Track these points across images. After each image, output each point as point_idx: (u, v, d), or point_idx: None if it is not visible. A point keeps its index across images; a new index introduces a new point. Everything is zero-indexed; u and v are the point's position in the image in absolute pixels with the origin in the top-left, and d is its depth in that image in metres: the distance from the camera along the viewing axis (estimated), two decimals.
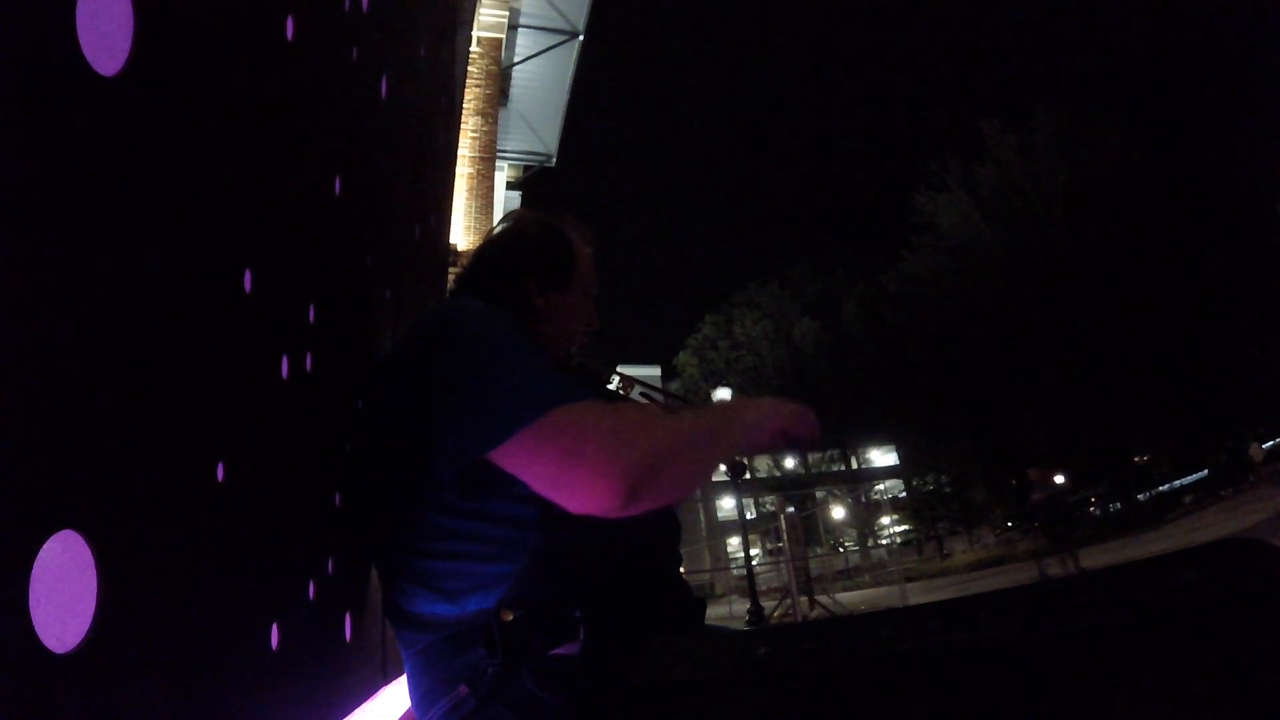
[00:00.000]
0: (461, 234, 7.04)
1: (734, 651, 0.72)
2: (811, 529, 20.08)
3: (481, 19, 7.54)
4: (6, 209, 0.32)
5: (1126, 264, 19.85)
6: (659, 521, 0.89)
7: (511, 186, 10.47)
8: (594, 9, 8.31)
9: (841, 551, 26.57)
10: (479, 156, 7.51)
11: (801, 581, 10.33)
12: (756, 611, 9.18)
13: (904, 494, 30.17)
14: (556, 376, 0.77)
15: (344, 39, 0.90)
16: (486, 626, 0.75)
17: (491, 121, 7.73)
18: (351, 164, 0.92)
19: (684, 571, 0.96)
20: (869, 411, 26.60)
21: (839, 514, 28.46)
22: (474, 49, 7.32)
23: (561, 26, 8.43)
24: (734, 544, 27.56)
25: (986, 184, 23.27)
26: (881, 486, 32.43)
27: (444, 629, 0.78)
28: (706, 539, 26.94)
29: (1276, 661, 0.58)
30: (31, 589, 0.33)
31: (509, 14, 7.93)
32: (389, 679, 1.10)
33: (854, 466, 32.60)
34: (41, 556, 0.34)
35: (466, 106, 7.02)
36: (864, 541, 28.23)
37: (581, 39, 8.54)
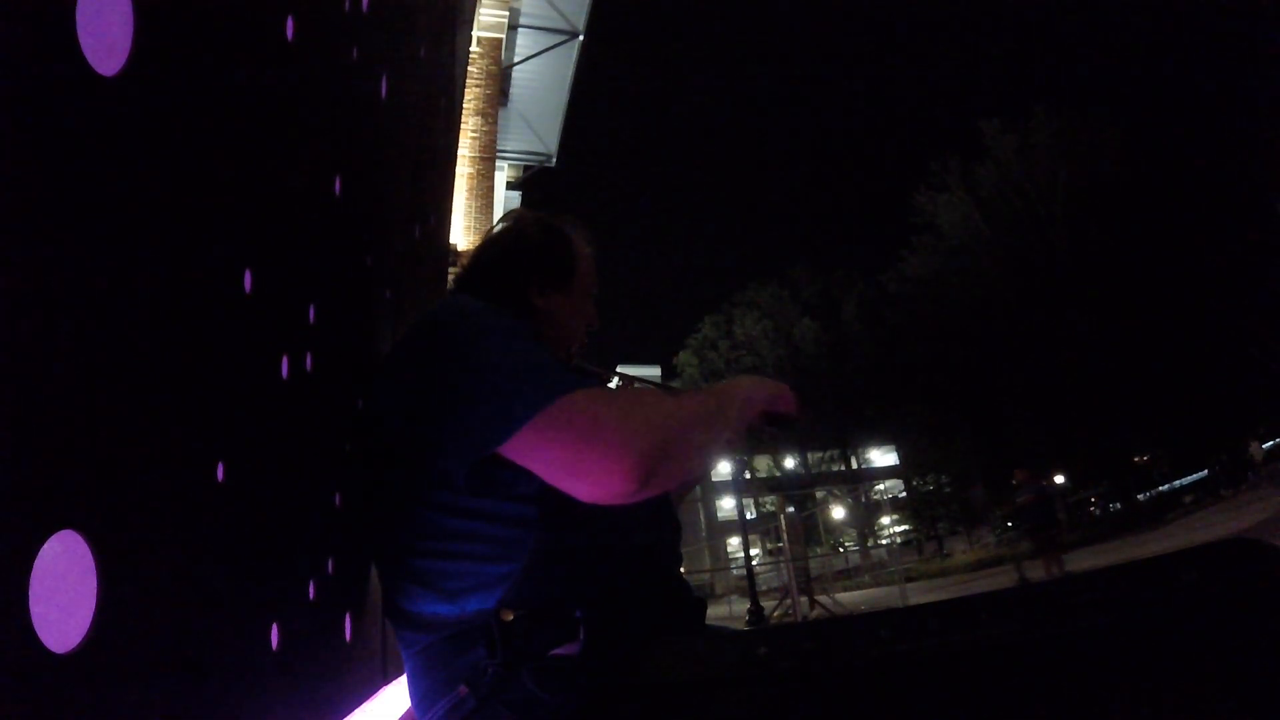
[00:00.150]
0: (461, 234, 7.05)
1: (734, 651, 0.72)
2: (811, 529, 20.10)
3: (481, 19, 7.54)
4: (6, 209, 0.32)
5: (1126, 264, 19.85)
6: (659, 521, 0.89)
7: (511, 186, 10.48)
8: (594, 9, 8.32)
9: (841, 551, 26.57)
10: (479, 156, 7.51)
11: (801, 581, 10.33)
12: (756, 611, 9.18)
13: (904, 494, 30.18)
14: (559, 366, 0.77)
15: (344, 39, 0.90)
16: (486, 626, 0.75)
17: (491, 121, 7.73)
18: (351, 164, 0.92)
19: (684, 571, 0.96)
20: (869, 411, 26.62)
21: (839, 514, 28.46)
22: (474, 49, 7.32)
23: (561, 26, 8.43)
24: (734, 544, 27.55)
25: (986, 184, 23.28)
26: (881, 486, 32.43)
27: (444, 629, 0.78)
28: (706, 539, 26.94)
29: (1276, 661, 0.58)
30: (31, 589, 0.33)
31: (509, 14, 7.93)
32: (389, 679, 1.10)
33: (854, 466, 32.61)
34: (41, 556, 0.34)
35: (466, 106, 7.02)
36: (864, 541, 28.22)
37: (581, 39, 8.55)
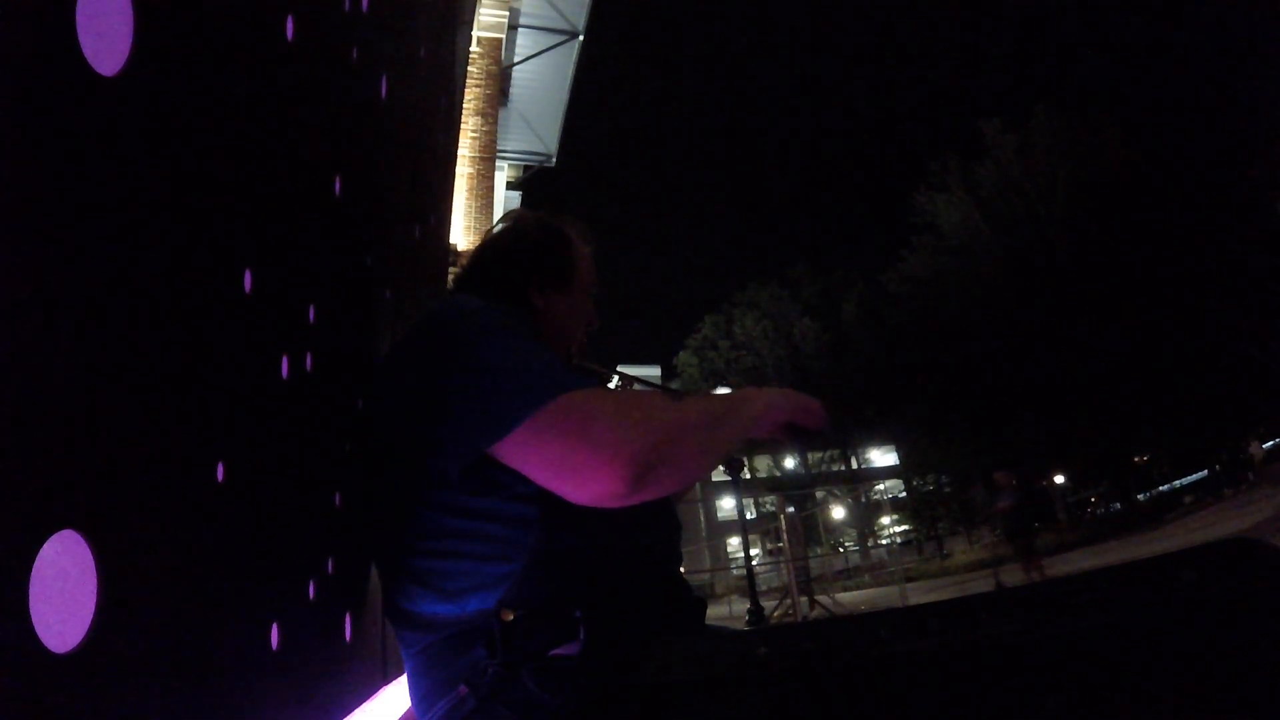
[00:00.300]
0: (461, 234, 7.04)
1: (734, 651, 0.72)
2: (811, 529, 20.08)
3: (481, 19, 7.54)
4: (6, 209, 0.32)
5: (1127, 264, 19.85)
6: (659, 521, 0.89)
7: (511, 186, 10.47)
8: (594, 9, 8.31)
9: (841, 551, 26.57)
10: (479, 156, 7.51)
11: (801, 581, 10.32)
12: (756, 611, 9.17)
13: (904, 494, 30.17)
14: (558, 365, 0.77)
15: (344, 39, 0.90)
16: (487, 626, 0.75)
17: (491, 121, 7.73)
18: (351, 164, 0.92)
19: (684, 571, 0.96)
20: (869, 411, 26.61)
21: (839, 514, 28.44)
22: (474, 49, 7.32)
23: (561, 26, 8.43)
24: (734, 544, 27.54)
25: (986, 184, 23.27)
26: (881, 486, 32.42)
27: (444, 629, 0.78)
28: (706, 539, 26.93)
29: (1276, 661, 0.58)
30: (31, 589, 0.33)
31: (509, 14, 7.93)
32: (389, 679, 1.10)
33: (854, 466, 32.60)
34: (41, 556, 0.34)
35: (466, 106, 7.02)
36: (864, 541, 28.22)
37: (581, 39, 8.54)
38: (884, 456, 33.31)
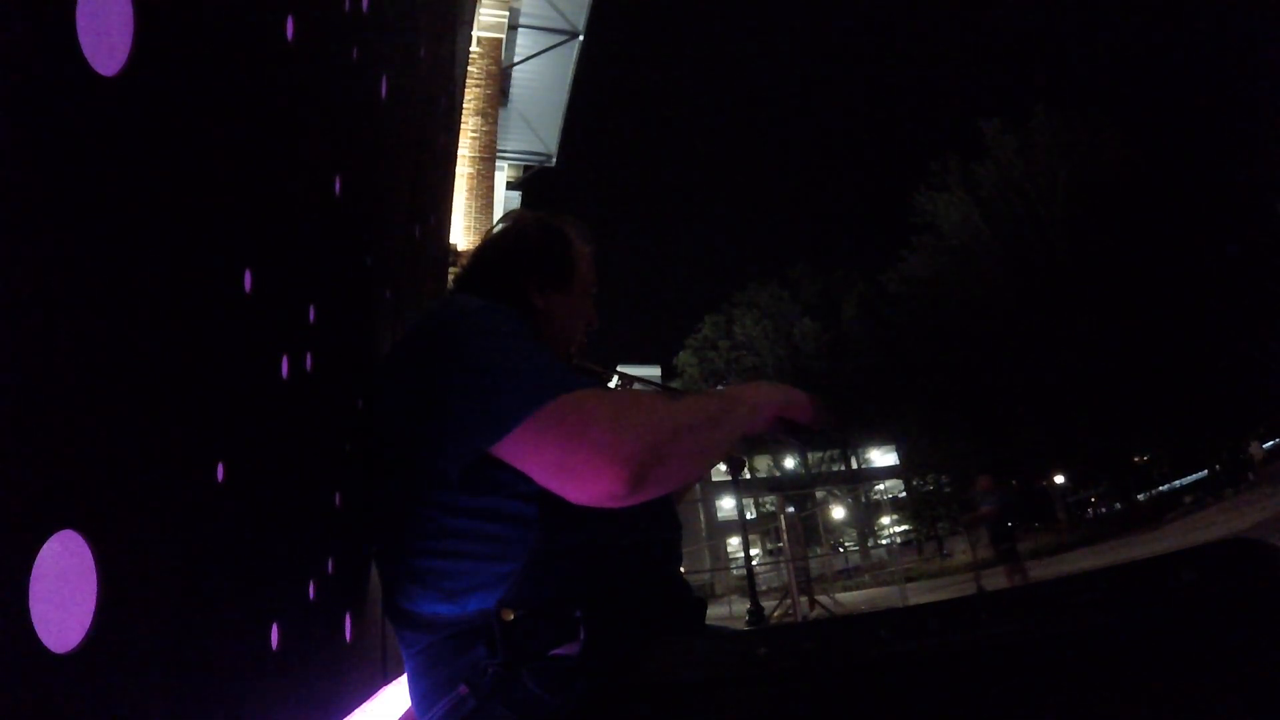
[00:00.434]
0: (461, 234, 7.05)
1: (734, 651, 0.72)
2: (811, 529, 20.06)
3: (481, 19, 7.54)
4: (6, 209, 0.32)
5: (1126, 264, 19.84)
6: (660, 521, 0.89)
7: (511, 186, 10.47)
8: (594, 9, 8.31)
9: (841, 551, 26.58)
10: (479, 156, 7.51)
11: (801, 581, 10.33)
12: (756, 611, 9.18)
13: (904, 494, 30.17)
14: (558, 366, 0.77)
15: (344, 39, 0.90)
16: (487, 626, 0.75)
17: (491, 121, 7.73)
18: (351, 164, 0.92)
19: (684, 571, 0.96)
20: (869, 411, 26.60)
21: (839, 514, 28.47)
22: (474, 49, 7.32)
23: (561, 26, 8.43)
24: (734, 544, 27.53)
25: (986, 184, 23.27)
26: (881, 486, 32.43)
27: (444, 629, 0.78)
28: (706, 539, 26.92)
29: (1276, 661, 0.58)
30: (31, 589, 0.33)
31: (509, 14, 7.93)
32: (389, 679, 1.10)
33: (854, 466, 32.61)
34: (41, 556, 0.34)
35: (466, 106, 7.02)
36: (864, 541, 28.24)
37: (581, 39, 8.54)
38: (884, 456, 33.32)
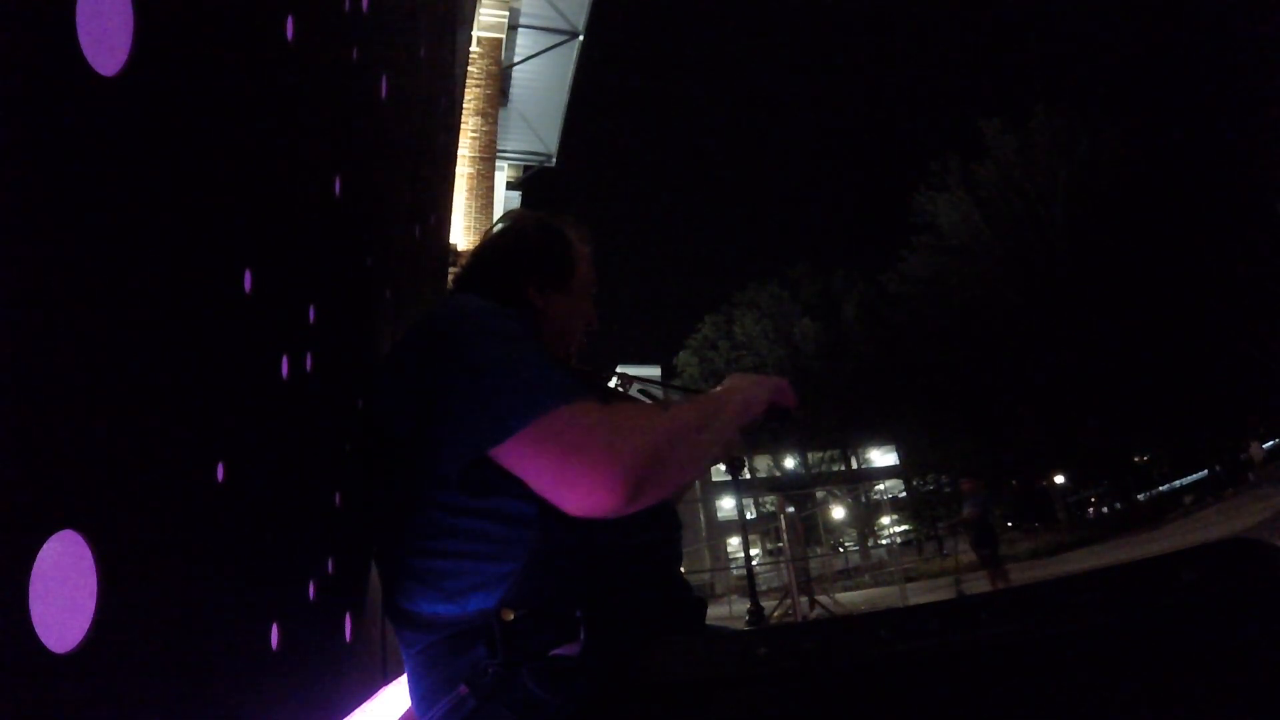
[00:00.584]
0: (461, 234, 7.04)
1: (734, 651, 0.72)
2: (811, 529, 20.07)
3: (481, 19, 7.54)
4: (6, 209, 0.32)
5: (1127, 264, 19.85)
6: (660, 521, 0.89)
7: (511, 186, 10.47)
8: (594, 9, 8.31)
9: (841, 551, 26.57)
10: (479, 156, 7.51)
11: (801, 581, 10.32)
12: (756, 611, 9.17)
13: (904, 494, 30.18)
14: (558, 374, 0.77)
15: (344, 39, 0.90)
16: (487, 626, 0.75)
17: (491, 121, 7.73)
18: (351, 164, 0.92)
19: (684, 571, 0.97)
20: (869, 411, 26.61)
21: (839, 514, 28.46)
22: (474, 49, 7.32)
23: (561, 26, 8.43)
24: (734, 544, 27.53)
25: (986, 184, 23.28)
26: (881, 486, 32.44)
27: (444, 629, 0.78)
28: (706, 539, 26.92)
29: (1276, 661, 0.58)
30: (31, 589, 0.33)
31: (509, 14, 7.93)
32: (389, 679, 1.10)
33: (854, 466, 32.61)
34: (41, 556, 0.34)
35: (466, 106, 7.02)
36: (864, 541, 28.23)
37: (581, 39, 8.54)
38: (884, 456, 33.32)
